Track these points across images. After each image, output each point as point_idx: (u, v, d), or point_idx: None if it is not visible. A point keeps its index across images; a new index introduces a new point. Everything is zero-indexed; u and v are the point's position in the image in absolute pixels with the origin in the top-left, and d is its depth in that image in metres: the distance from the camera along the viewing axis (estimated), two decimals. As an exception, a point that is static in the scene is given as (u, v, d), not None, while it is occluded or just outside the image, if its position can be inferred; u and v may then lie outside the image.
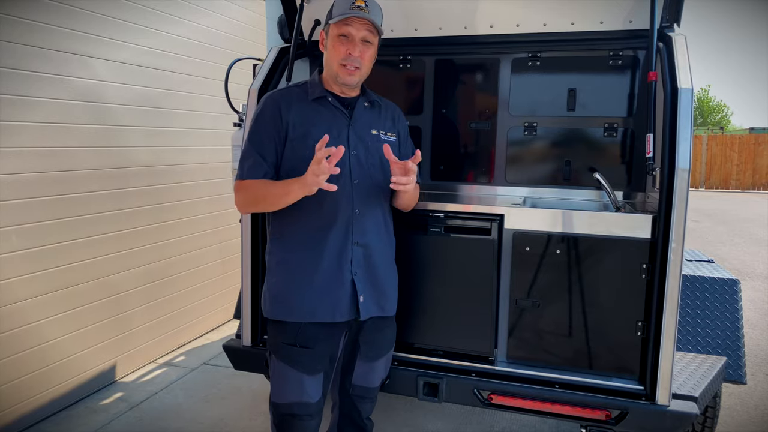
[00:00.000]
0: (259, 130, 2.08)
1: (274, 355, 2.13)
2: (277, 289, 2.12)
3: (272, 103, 2.10)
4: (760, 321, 5.56)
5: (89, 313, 3.71)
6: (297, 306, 2.08)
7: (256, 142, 2.07)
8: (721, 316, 2.98)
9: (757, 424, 3.54)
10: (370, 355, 2.25)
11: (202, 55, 4.62)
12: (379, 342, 2.28)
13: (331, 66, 2.09)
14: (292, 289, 2.08)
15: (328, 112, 2.11)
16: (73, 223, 3.55)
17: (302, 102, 2.11)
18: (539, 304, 2.58)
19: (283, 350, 2.09)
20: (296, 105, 2.10)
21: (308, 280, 2.08)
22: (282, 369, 2.10)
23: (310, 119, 2.08)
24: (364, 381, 2.28)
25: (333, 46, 2.06)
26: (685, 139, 2.26)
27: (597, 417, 2.43)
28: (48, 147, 3.36)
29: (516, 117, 3.10)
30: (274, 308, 2.12)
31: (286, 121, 2.06)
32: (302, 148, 2.04)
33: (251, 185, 2.05)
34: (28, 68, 3.21)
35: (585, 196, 3.03)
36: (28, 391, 3.33)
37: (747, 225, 12.06)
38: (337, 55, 2.05)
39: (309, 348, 2.08)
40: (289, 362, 2.08)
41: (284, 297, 2.10)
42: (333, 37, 2.06)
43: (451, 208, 2.69)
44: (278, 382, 2.12)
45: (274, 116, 2.07)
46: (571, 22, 2.82)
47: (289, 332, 2.08)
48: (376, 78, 3.33)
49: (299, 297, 2.08)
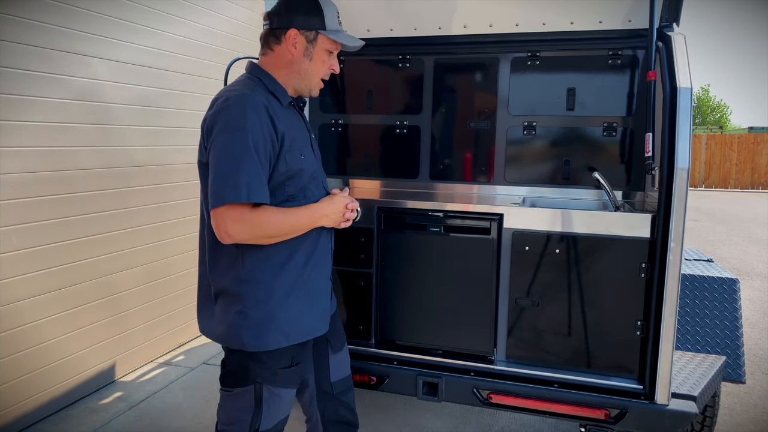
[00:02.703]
0: (258, 141, 1.74)
1: (268, 385, 1.89)
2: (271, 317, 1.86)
3: (262, 108, 1.79)
4: (759, 320, 5.56)
5: (88, 312, 3.71)
6: (295, 329, 1.90)
7: (260, 156, 1.74)
8: (720, 315, 2.99)
9: (757, 424, 3.55)
10: (338, 344, 2.20)
11: (201, 55, 4.62)
12: (339, 329, 2.25)
13: (311, 78, 1.95)
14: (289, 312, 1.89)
15: (297, 119, 1.98)
16: (73, 222, 3.55)
17: (279, 108, 1.88)
18: (539, 303, 2.58)
19: (282, 375, 1.91)
20: (279, 111, 1.86)
21: (300, 298, 1.92)
22: (279, 394, 1.92)
23: (291, 127, 1.90)
24: (341, 372, 2.22)
25: (322, 60, 1.93)
26: (684, 139, 2.26)
27: (596, 416, 2.43)
28: (47, 146, 3.36)
29: (515, 116, 3.10)
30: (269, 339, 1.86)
31: (281, 132, 1.82)
32: (294, 160, 1.87)
33: (266, 215, 1.75)
34: (28, 68, 3.21)
35: (584, 196, 3.03)
36: (28, 391, 3.33)
37: (746, 224, 12.07)
38: (323, 69, 1.96)
39: (301, 362, 1.99)
40: (287, 384, 1.94)
41: (280, 323, 1.87)
42: (322, 50, 1.93)
43: (450, 208, 2.69)
44: (273, 408, 1.91)
45: (269, 125, 1.79)
46: (571, 21, 2.82)
47: (285, 356, 1.91)
48: (376, 78, 3.36)
49: (295, 319, 1.90)
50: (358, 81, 3.35)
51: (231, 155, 1.71)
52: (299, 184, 1.89)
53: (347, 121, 3.39)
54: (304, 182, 1.91)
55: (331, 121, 3.41)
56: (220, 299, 1.91)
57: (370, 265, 2.80)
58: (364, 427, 3.36)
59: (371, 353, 2.79)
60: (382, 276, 2.79)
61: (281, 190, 1.85)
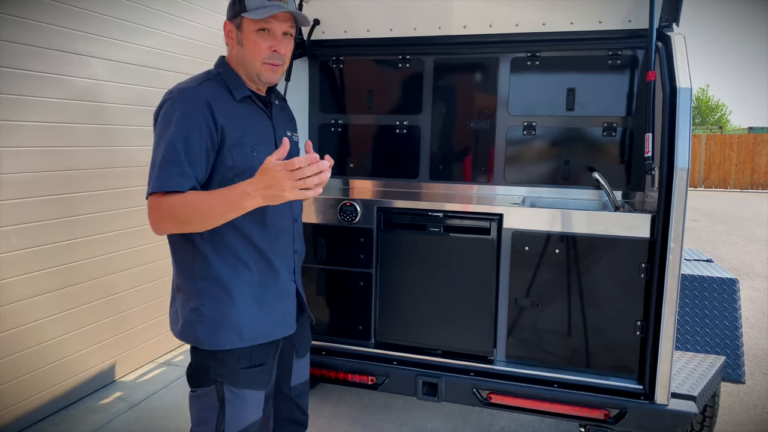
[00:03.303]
0: (190, 131, 1.71)
1: (229, 386, 1.85)
2: (223, 316, 1.83)
3: (201, 101, 1.75)
4: (759, 320, 5.56)
5: (88, 312, 3.71)
6: (249, 329, 1.86)
7: (187, 147, 1.70)
8: (720, 315, 2.99)
9: (756, 423, 3.55)
10: (303, 350, 2.18)
11: (201, 55, 4.62)
12: (306, 336, 2.21)
13: (250, 63, 1.85)
14: (243, 312, 1.85)
15: (254, 114, 1.91)
16: (73, 222, 3.55)
17: (229, 101, 1.83)
18: (538, 303, 2.58)
19: (243, 375, 1.86)
20: (225, 105, 1.80)
21: (259, 299, 1.88)
22: (243, 395, 1.87)
23: (242, 122, 1.84)
24: (301, 377, 2.21)
25: (253, 41, 1.83)
26: (683, 139, 2.26)
27: (596, 416, 2.44)
28: (47, 146, 3.36)
29: (515, 116, 3.10)
30: (223, 338, 1.83)
31: (221, 125, 1.76)
32: (242, 156, 1.80)
33: (179, 201, 1.67)
34: (28, 68, 3.21)
35: (584, 196, 3.03)
36: (28, 391, 3.33)
37: (746, 224, 12.07)
38: (259, 52, 1.84)
39: (265, 363, 1.93)
40: (251, 385, 1.89)
41: (233, 322, 1.84)
42: (250, 32, 1.83)
43: (450, 208, 2.70)
44: (237, 410, 1.87)
45: (206, 117, 1.74)
46: (570, 21, 2.82)
47: (244, 356, 1.86)
48: (376, 78, 3.36)
49: (251, 319, 1.86)
50: (358, 81, 3.35)
51: (158, 148, 1.72)
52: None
53: (347, 121, 3.39)
54: None
55: (331, 121, 3.41)
56: (177, 296, 1.90)
57: (369, 265, 2.80)
58: (364, 427, 3.37)
59: (371, 353, 2.80)
60: (381, 276, 2.79)
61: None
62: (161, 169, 1.69)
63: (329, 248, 2.83)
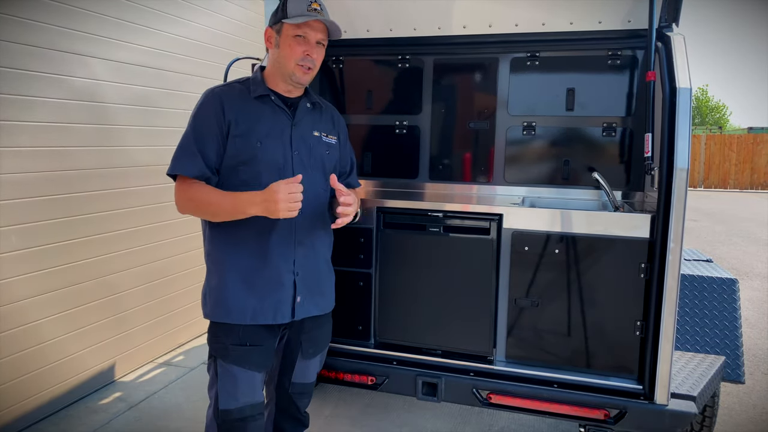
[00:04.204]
0: (202, 125, 2.04)
1: (221, 360, 2.06)
2: (218, 291, 2.07)
3: (214, 98, 2.06)
4: (758, 320, 5.57)
5: (88, 312, 3.71)
6: (236, 308, 2.05)
7: (198, 138, 2.03)
8: (719, 315, 2.99)
9: (756, 424, 3.55)
10: (311, 351, 2.26)
11: (201, 55, 4.62)
12: (320, 338, 2.30)
13: (285, 64, 2.09)
14: (231, 291, 2.05)
15: (270, 111, 2.11)
16: (72, 222, 3.54)
17: (244, 100, 2.09)
18: (538, 303, 2.58)
19: (233, 352, 2.05)
20: (238, 102, 2.07)
21: (249, 282, 2.05)
22: (232, 371, 2.05)
23: (253, 117, 2.07)
24: (303, 378, 2.30)
25: (289, 45, 2.07)
26: (683, 139, 2.27)
27: (596, 416, 2.44)
28: (47, 147, 3.36)
29: (515, 117, 3.10)
30: (215, 310, 2.07)
31: (228, 119, 2.03)
32: (246, 146, 2.03)
33: (197, 189, 2.00)
34: (27, 68, 3.21)
35: (584, 196, 3.03)
36: (27, 391, 3.33)
37: (745, 224, 12.08)
38: (294, 54, 2.07)
39: (259, 345, 2.07)
40: (240, 362, 2.05)
41: (224, 299, 2.05)
42: (288, 36, 2.07)
43: (449, 208, 2.70)
44: (228, 386, 2.05)
45: (217, 112, 2.03)
46: (570, 21, 2.82)
47: (235, 333, 2.05)
48: (375, 78, 3.36)
49: (239, 299, 2.05)
50: (357, 81, 3.35)
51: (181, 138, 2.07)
52: (253, 170, 2.04)
53: (347, 121, 3.37)
54: (258, 169, 2.04)
55: (330, 122, 3.40)
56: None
57: (369, 266, 2.80)
58: (364, 427, 3.37)
59: (371, 353, 2.80)
60: (381, 276, 2.79)
61: (235, 175, 2.04)
62: (175, 155, 2.04)
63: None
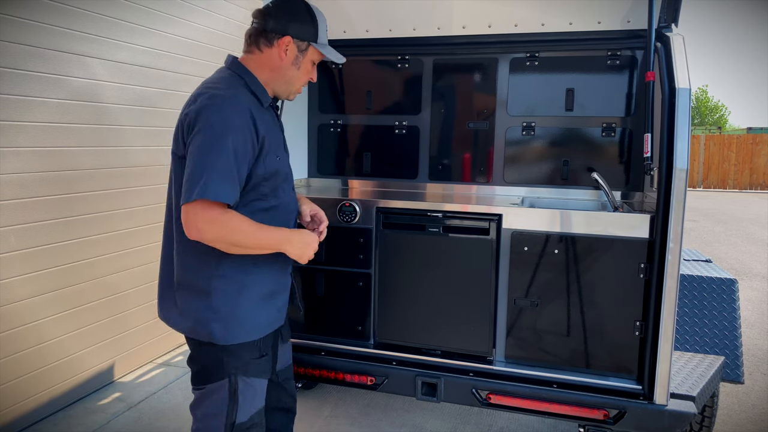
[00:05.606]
0: (238, 144, 1.76)
1: (242, 376, 1.95)
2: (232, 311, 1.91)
3: (246, 111, 1.81)
4: (757, 320, 5.57)
5: (88, 312, 3.71)
6: (262, 324, 1.99)
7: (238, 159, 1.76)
8: (719, 315, 2.99)
9: (755, 424, 3.55)
10: (287, 335, 2.27)
11: (200, 55, 4.62)
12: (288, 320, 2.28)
13: (293, 83, 2.01)
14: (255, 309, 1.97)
15: (272, 120, 2.00)
16: (72, 222, 3.54)
17: (258, 109, 1.90)
18: (537, 303, 2.58)
19: (253, 366, 1.98)
20: (260, 114, 1.88)
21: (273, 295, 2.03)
22: (253, 384, 1.99)
23: (270, 129, 1.94)
24: (286, 361, 2.29)
25: (307, 69, 2.01)
26: (682, 139, 2.27)
27: (595, 416, 2.44)
28: (46, 147, 3.35)
29: (514, 117, 3.10)
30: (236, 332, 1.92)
31: (262, 135, 1.84)
32: (272, 162, 1.91)
33: (241, 220, 1.77)
34: (26, 68, 3.20)
35: (583, 196, 3.04)
36: (27, 391, 3.32)
37: (745, 225, 12.08)
38: (305, 78, 2.04)
39: (268, 354, 2.06)
40: (260, 374, 2.01)
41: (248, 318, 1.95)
42: (309, 60, 2.00)
43: (449, 208, 2.70)
44: (248, 399, 1.97)
45: (251, 130, 1.81)
46: (569, 22, 2.83)
47: (256, 347, 1.99)
48: (375, 78, 3.36)
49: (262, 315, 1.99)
50: (357, 81, 3.35)
51: (209, 154, 1.72)
52: (273, 184, 1.94)
53: (346, 121, 3.39)
54: (278, 182, 1.96)
55: (330, 122, 3.41)
56: (184, 291, 1.93)
57: (369, 266, 2.80)
58: (363, 427, 3.37)
59: (370, 354, 2.80)
60: (381, 276, 2.80)
61: (254, 190, 1.88)
62: (212, 176, 1.70)
63: (328, 249, 2.82)
